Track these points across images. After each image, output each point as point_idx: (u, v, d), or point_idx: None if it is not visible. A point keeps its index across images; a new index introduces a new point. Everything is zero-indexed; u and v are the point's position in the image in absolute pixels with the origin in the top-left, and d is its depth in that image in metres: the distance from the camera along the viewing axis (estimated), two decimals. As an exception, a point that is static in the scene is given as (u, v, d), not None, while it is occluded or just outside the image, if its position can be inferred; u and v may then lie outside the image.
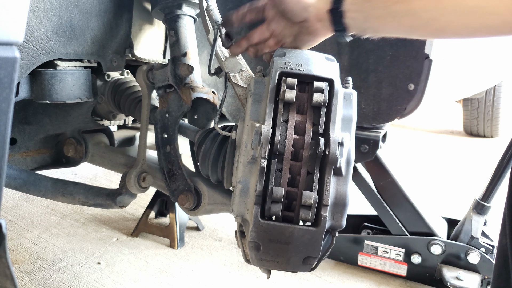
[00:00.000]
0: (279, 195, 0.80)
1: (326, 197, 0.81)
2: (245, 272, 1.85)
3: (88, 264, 1.84)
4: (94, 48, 1.27)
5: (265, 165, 0.82)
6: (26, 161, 1.44)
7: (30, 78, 1.20)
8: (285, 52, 0.92)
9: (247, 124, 0.89)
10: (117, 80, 1.45)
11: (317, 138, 0.83)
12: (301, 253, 0.85)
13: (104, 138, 1.59)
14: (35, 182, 1.29)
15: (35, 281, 1.69)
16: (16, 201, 2.44)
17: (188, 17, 1.28)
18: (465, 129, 4.84)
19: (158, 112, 1.26)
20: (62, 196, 1.35)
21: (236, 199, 0.87)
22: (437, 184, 3.18)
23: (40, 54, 1.12)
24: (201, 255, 1.98)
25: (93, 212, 2.33)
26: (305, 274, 1.83)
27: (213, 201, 1.24)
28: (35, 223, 2.20)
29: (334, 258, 1.93)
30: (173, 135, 1.25)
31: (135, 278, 1.76)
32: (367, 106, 1.55)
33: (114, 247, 2.00)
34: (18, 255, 1.87)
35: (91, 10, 1.22)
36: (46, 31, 1.12)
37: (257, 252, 0.86)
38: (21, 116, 1.40)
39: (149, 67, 1.26)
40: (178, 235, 2.03)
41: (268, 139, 0.82)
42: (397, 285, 1.80)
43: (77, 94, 1.28)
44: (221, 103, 1.07)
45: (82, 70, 1.29)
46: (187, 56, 1.24)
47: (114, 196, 1.35)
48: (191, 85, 1.23)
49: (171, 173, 1.27)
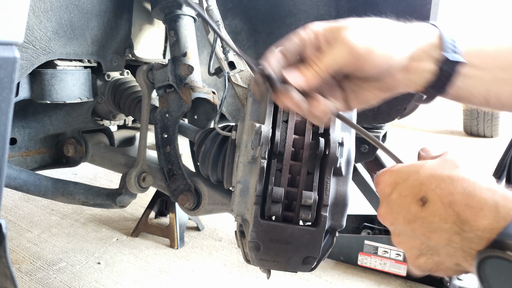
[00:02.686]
0: (279, 195, 0.80)
1: (326, 197, 0.81)
2: (245, 272, 1.85)
3: (88, 264, 1.84)
4: (94, 48, 1.27)
5: (265, 165, 0.82)
6: (26, 161, 1.44)
7: (30, 78, 1.20)
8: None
9: (247, 124, 0.89)
10: (117, 80, 1.45)
11: (317, 138, 0.83)
12: (301, 253, 0.85)
13: (104, 138, 1.59)
14: (35, 182, 1.29)
15: (35, 281, 1.69)
16: (16, 201, 2.44)
17: (188, 17, 1.28)
18: (465, 129, 4.84)
19: (158, 112, 1.26)
20: (62, 196, 1.35)
21: (236, 199, 0.87)
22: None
23: (40, 54, 1.12)
24: (201, 255, 1.98)
25: (93, 212, 2.33)
26: (305, 274, 1.83)
27: (213, 201, 1.23)
28: (35, 223, 2.20)
29: (334, 258, 1.93)
30: (173, 135, 1.25)
31: (135, 278, 1.76)
32: (367, 106, 1.55)
33: (114, 247, 2.00)
34: (18, 255, 1.87)
35: (91, 10, 1.22)
36: (46, 31, 1.12)
37: (257, 252, 0.86)
38: (21, 116, 1.40)
39: (149, 67, 1.26)
40: (178, 235, 2.03)
41: (268, 139, 0.82)
42: (397, 285, 1.80)
43: (77, 94, 1.28)
44: (221, 103, 1.07)
45: (82, 70, 1.29)
46: (187, 56, 1.24)
47: (114, 196, 1.35)
48: (191, 85, 1.23)
49: (171, 173, 1.27)
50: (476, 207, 0.51)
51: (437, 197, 0.53)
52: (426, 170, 0.56)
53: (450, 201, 0.52)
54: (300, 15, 1.61)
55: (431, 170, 0.55)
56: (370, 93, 0.68)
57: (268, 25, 1.66)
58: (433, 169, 0.56)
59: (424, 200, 0.54)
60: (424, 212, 0.54)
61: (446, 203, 0.52)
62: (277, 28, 1.64)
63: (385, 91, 0.68)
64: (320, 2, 1.57)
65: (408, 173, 0.58)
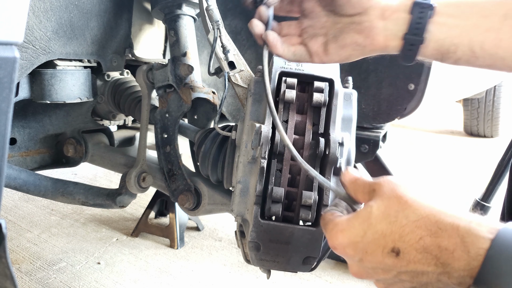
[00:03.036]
0: (279, 195, 0.80)
1: (326, 197, 0.81)
2: (245, 272, 1.85)
3: (88, 264, 1.84)
4: (94, 48, 1.27)
5: (265, 165, 0.82)
6: (26, 161, 1.44)
7: (30, 78, 1.20)
8: (285, 52, 0.92)
9: (247, 124, 0.89)
10: (117, 80, 1.45)
11: (317, 138, 0.83)
12: (301, 253, 0.84)
13: (104, 138, 1.59)
14: (35, 182, 1.29)
15: (35, 281, 1.69)
16: (16, 201, 2.44)
17: (188, 17, 1.28)
18: (465, 129, 4.84)
19: (158, 112, 1.26)
20: (62, 196, 1.35)
21: (236, 199, 0.87)
22: (437, 184, 3.18)
23: (40, 54, 1.12)
24: (201, 255, 1.98)
25: (93, 212, 2.33)
26: (305, 274, 1.82)
27: (213, 201, 1.23)
28: (35, 223, 2.20)
29: (334, 258, 1.93)
30: (173, 135, 1.25)
31: (135, 278, 1.76)
32: (367, 106, 1.55)
33: (114, 247, 2.00)
34: (18, 255, 1.87)
35: (91, 10, 1.22)
36: (46, 31, 1.12)
37: (257, 252, 0.85)
38: (21, 116, 1.40)
39: (149, 67, 1.26)
40: (178, 235, 2.03)
41: (268, 139, 0.82)
42: (397, 285, 1.80)
43: (77, 94, 1.28)
44: (221, 103, 1.07)
45: (82, 70, 1.29)
46: (187, 56, 1.24)
47: (114, 196, 1.35)
48: (191, 85, 1.23)
49: (171, 173, 1.27)
50: (449, 249, 0.50)
51: (408, 246, 0.53)
52: (379, 219, 0.54)
53: (422, 246, 0.52)
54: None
55: (384, 217, 0.54)
56: (348, 36, 0.70)
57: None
58: (385, 215, 0.54)
59: (396, 250, 0.53)
60: (401, 261, 0.53)
61: (420, 250, 0.52)
62: (277, 28, 1.63)
63: (362, 36, 0.69)
64: (320, 2, 1.57)
65: (362, 229, 0.55)
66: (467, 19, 0.63)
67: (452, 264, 0.51)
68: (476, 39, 0.63)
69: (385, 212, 0.55)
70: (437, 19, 0.64)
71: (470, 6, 0.64)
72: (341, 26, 0.71)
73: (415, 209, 0.53)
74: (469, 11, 0.63)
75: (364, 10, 0.68)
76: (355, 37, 0.70)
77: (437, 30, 0.65)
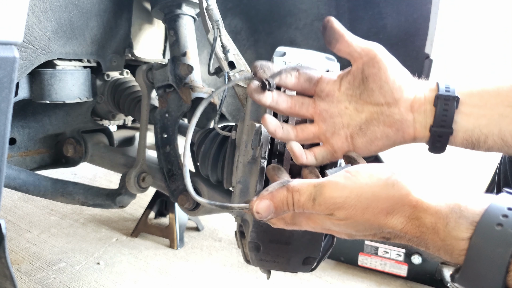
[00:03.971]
0: (279, 195, 0.80)
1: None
2: (245, 272, 1.85)
3: (88, 264, 1.84)
4: (93, 47, 1.27)
5: (265, 165, 0.81)
6: (25, 161, 1.44)
7: (29, 78, 1.20)
8: (285, 52, 0.92)
9: (247, 124, 0.89)
10: (117, 80, 1.45)
11: (318, 138, 0.83)
12: (301, 253, 0.84)
13: (104, 138, 1.59)
14: (34, 182, 1.29)
15: (34, 281, 1.69)
16: (16, 201, 2.44)
17: (188, 16, 1.28)
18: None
19: (157, 112, 1.26)
20: (62, 196, 1.35)
21: (236, 199, 0.87)
22: (437, 184, 3.17)
23: (40, 54, 1.12)
24: (201, 256, 1.98)
25: (93, 213, 2.33)
26: (305, 275, 1.82)
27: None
28: (35, 223, 2.20)
29: (335, 259, 1.93)
30: (172, 135, 1.25)
31: (135, 278, 1.75)
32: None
33: (114, 247, 1.99)
34: (18, 255, 1.87)
35: (90, 9, 1.22)
36: (45, 31, 1.12)
37: (257, 252, 0.85)
38: (20, 116, 1.40)
39: (149, 67, 1.26)
40: (178, 236, 2.02)
41: (268, 139, 0.82)
42: (397, 285, 1.80)
43: (76, 94, 1.28)
44: (221, 103, 1.07)
45: (82, 70, 1.29)
46: (187, 56, 1.24)
47: (113, 196, 1.35)
48: (191, 85, 1.23)
49: (170, 173, 1.26)
50: (429, 249, 0.54)
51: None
52: (374, 195, 0.55)
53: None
54: (300, 14, 1.61)
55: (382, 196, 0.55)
56: (379, 130, 0.67)
57: (268, 25, 1.66)
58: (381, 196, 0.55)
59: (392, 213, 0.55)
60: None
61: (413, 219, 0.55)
62: (277, 27, 1.64)
63: (393, 129, 0.66)
64: (320, 2, 1.57)
65: (357, 198, 0.55)
66: (493, 109, 0.63)
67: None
68: (506, 128, 0.62)
69: (381, 195, 0.57)
70: (462, 109, 0.64)
71: (494, 96, 0.63)
72: (367, 116, 0.67)
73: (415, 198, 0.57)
74: (493, 101, 0.63)
75: (395, 101, 0.65)
76: (386, 130, 0.67)
77: (464, 120, 0.64)
